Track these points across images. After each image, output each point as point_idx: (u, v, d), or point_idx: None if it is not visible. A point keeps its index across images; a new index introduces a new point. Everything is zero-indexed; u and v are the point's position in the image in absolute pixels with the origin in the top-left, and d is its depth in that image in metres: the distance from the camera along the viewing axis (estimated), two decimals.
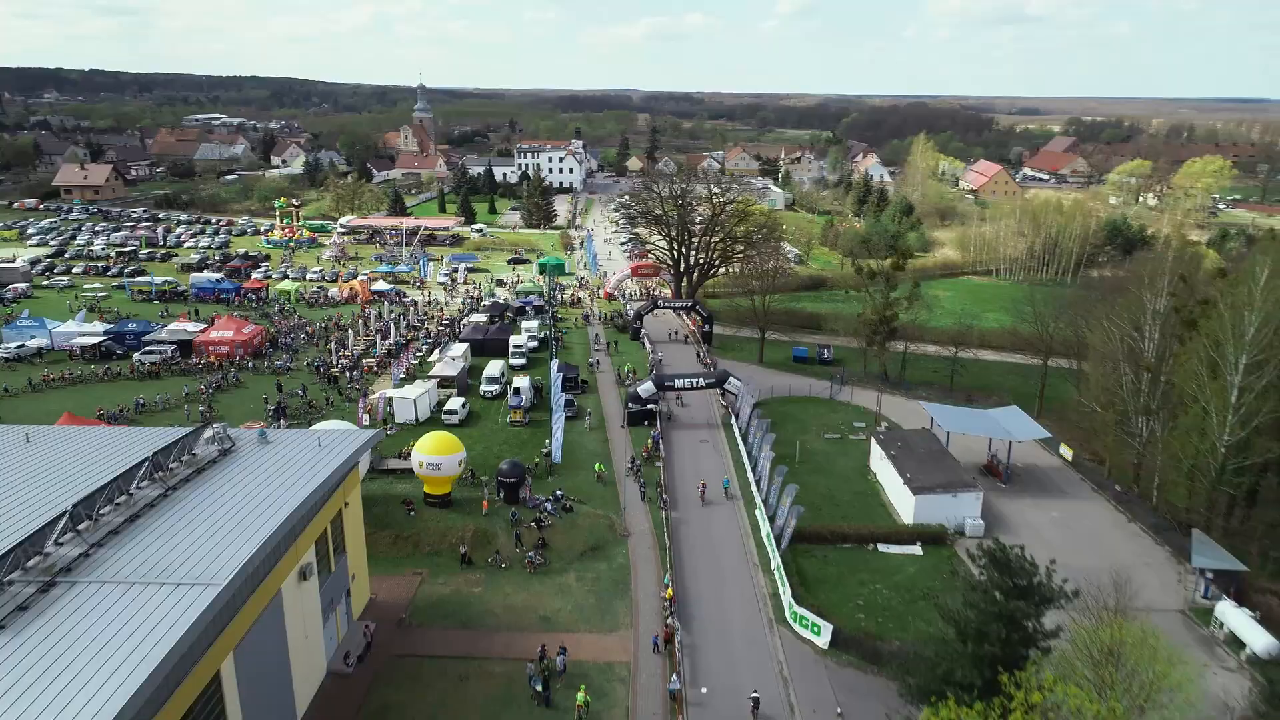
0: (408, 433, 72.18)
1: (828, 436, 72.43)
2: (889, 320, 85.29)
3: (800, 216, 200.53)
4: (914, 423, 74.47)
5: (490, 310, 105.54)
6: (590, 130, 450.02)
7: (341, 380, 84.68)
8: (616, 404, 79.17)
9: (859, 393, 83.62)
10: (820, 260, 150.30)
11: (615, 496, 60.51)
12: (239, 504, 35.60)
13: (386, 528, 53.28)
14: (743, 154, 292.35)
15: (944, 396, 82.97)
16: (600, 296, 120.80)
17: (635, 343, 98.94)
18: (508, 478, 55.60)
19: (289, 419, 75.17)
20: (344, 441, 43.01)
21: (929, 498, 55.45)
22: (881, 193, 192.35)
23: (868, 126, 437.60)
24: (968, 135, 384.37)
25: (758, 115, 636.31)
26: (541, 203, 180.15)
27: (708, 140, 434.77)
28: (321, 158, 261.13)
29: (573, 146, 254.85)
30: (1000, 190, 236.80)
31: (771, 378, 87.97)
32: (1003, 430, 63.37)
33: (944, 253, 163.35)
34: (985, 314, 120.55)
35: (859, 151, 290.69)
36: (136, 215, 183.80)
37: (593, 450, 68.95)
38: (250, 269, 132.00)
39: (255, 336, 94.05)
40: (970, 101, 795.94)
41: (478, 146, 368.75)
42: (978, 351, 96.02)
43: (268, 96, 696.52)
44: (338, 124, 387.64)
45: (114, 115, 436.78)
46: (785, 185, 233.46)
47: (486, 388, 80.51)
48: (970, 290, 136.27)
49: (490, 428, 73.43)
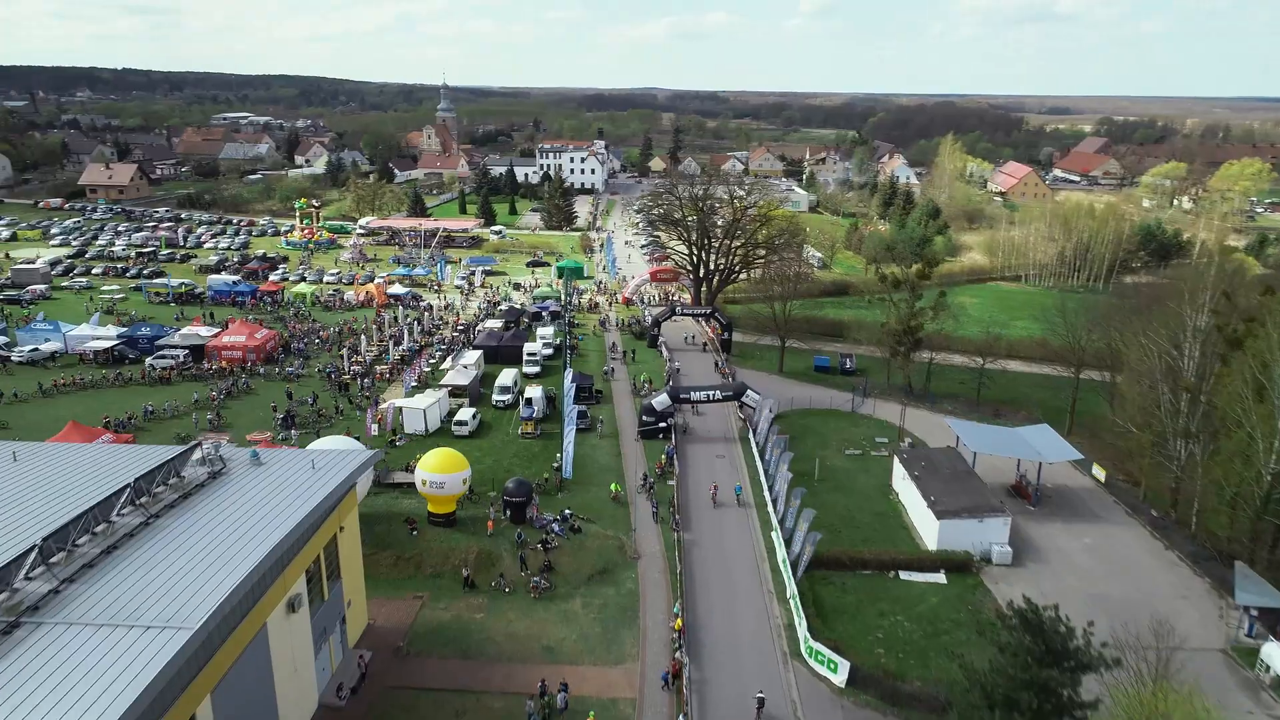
0: (416, 444, 70.62)
1: (848, 453, 69.95)
2: (913, 331, 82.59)
3: (824, 219, 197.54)
4: (939, 438, 71.87)
5: (506, 316, 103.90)
6: (614, 130, 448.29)
7: (353, 388, 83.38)
8: (631, 415, 77.12)
9: (882, 405, 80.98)
10: (844, 265, 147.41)
11: (626, 516, 58.48)
12: (224, 533, 33.94)
13: (388, 548, 51.58)
14: (767, 154, 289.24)
15: (970, 410, 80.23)
16: (618, 301, 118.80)
17: (653, 350, 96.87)
18: (514, 497, 53.70)
19: (298, 428, 73.91)
20: (339, 463, 41.28)
21: (954, 523, 52.90)
22: (908, 195, 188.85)
23: (894, 126, 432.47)
24: (996, 135, 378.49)
25: (783, 115, 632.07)
26: (562, 204, 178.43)
27: (732, 140, 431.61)
28: (344, 157, 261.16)
29: (595, 147, 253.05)
30: (1030, 192, 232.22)
31: (791, 388, 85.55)
32: (1032, 451, 60.61)
33: (971, 257, 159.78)
34: (1014, 322, 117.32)
35: (885, 152, 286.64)
36: (159, 215, 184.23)
37: (605, 465, 66.96)
38: (267, 271, 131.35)
39: (268, 341, 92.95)
40: (999, 100, 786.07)
41: (501, 146, 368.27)
42: (1005, 362, 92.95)
43: (295, 95, 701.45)
44: (362, 123, 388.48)
45: (143, 114, 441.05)
46: (810, 187, 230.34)
47: (499, 397, 78.76)
48: (998, 297, 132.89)
49: (501, 439, 71.62)
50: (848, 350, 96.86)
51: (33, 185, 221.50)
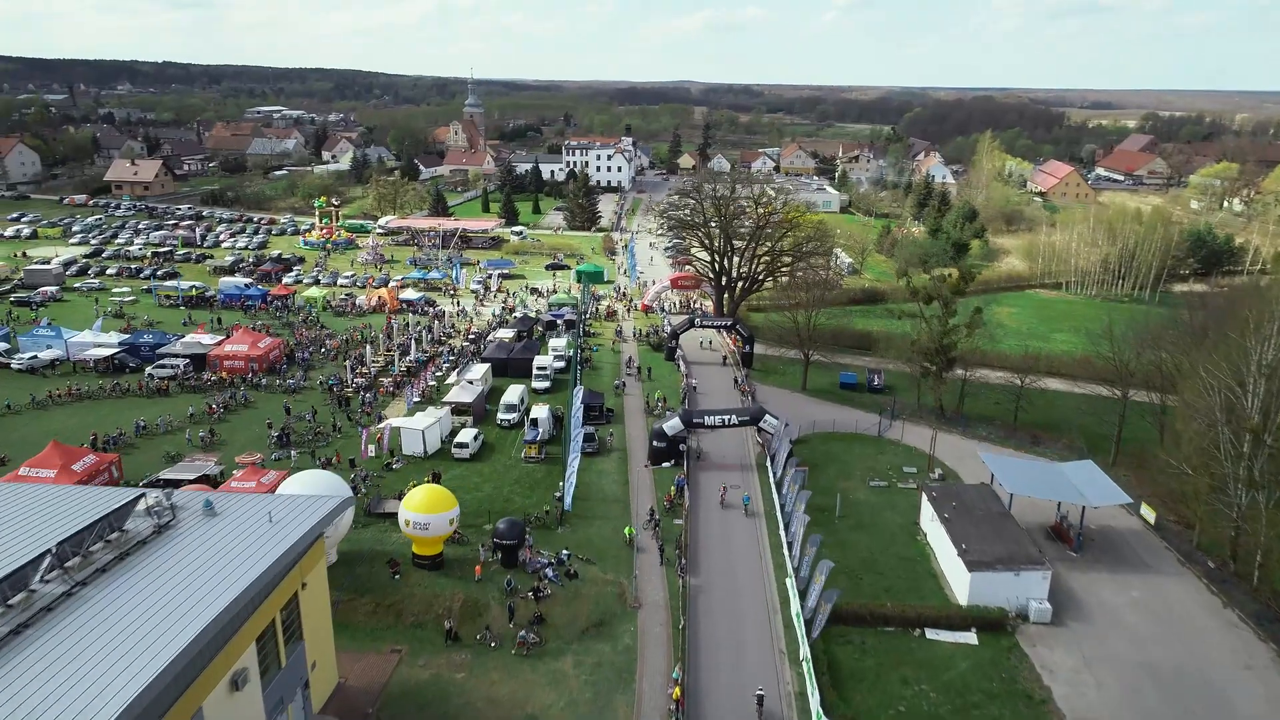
0: (414, 467, 67.05)
1: (873, 484, 65.07)
2: (946, 350, 77.39)
3: (856, 220, 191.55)
4: (971, 467, 66.77)
5: (518, 325, 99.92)
6: (644, 125, 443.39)
7: (354, 402, 79.91)
8: (643, 436, 72.75)
9: (911, 429, 75.90)
10: (875, 270, 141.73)
11: (630, 555, 54.20)
12: (159, 603, 30.19)
13: (367, 593, 47.78)
14: (799, 151, 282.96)
15: (1006, 436, 74.93)
16: (637, 309, 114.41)
17: (670, 363, 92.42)
18: (504, 540, 49.58)
19: (293, 446, 70.54)
20: (302, 513, 37.43)
21: (987, 575, 48.01)
22: (943, 196, 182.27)
23: (931, 121, 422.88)
24: (1036, 132, 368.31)
25: (817, 109, 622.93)
26: (585, 204, 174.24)
27: (764, 135, 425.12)
28: (370, 153, 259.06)
29: (622, 144, 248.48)
30: (1071, 193, 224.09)
31: (814, 408, 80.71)
32: (1075, 492, 55.35)
33: (1009, 262, 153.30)
34: (1054, 335, 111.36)
35: (921, 150, 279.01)
36: (180, 212, 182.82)
37: (611, 494, 62.76)
38: (281, 273, 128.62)
39: (271, 350, 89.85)
40: (1039, 94, 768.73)
41: (529, 142, 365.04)
42: (1045, 380, 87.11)
43: (330, 89, 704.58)
44: (391, 118, 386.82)
45: (178, 108, 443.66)
46: (842, 186, 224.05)
47: (504, 416, 74.85)
48: (1037, 306, 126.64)
49: (503, 464, 67.66)
50: (876, 365, 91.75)
51: (61, 181, 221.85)
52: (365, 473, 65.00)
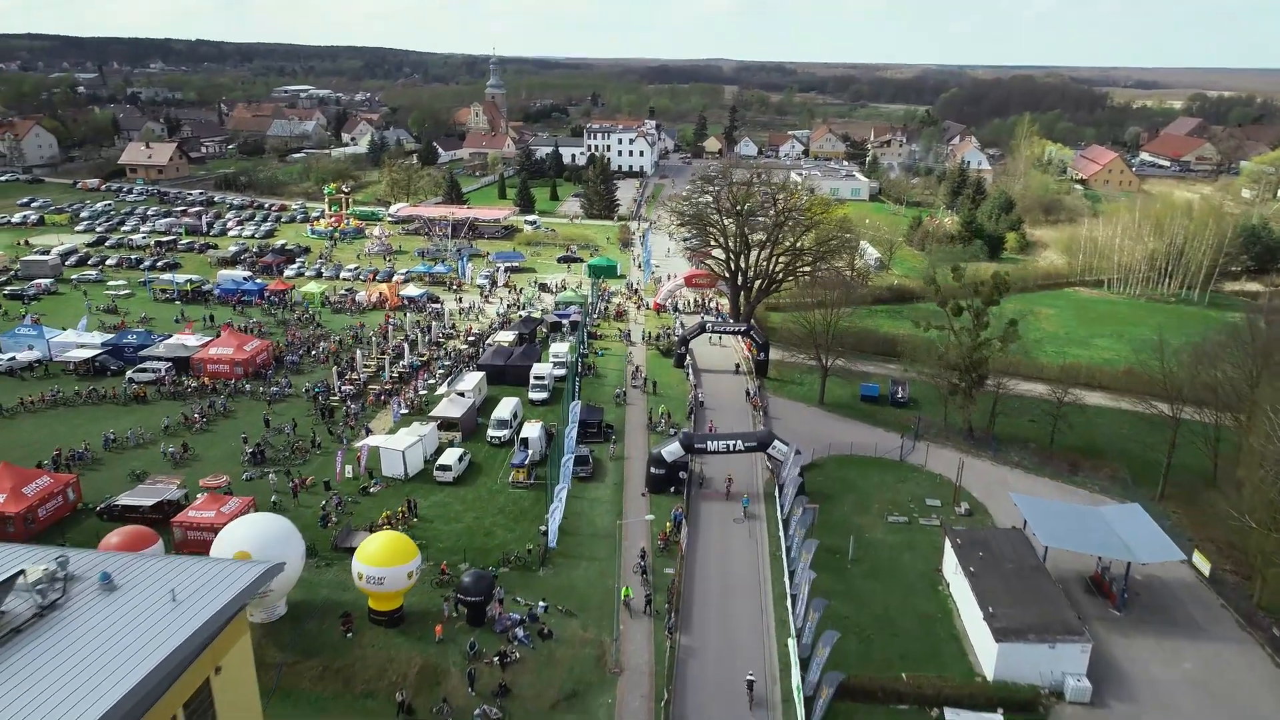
0: (393, 491, 62.08)
1: (892, 520, 59.02)
2: (977, 366, 70.82)
3: (885, 210, 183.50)
4: (1002, 501, 60.47)
5: (520, 326, 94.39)
6: (673, 105, 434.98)
7: (338, 413, 75.00)
8: (644, 456, 66.97)
9: (936, 452, 69.57)
10: (905, 266, 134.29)
11: (615, 604, 48.76)
12: (21, 714, 25.25)
13: (315, 654, 42.78)
14: (829, 134, 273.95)
15: (1041, 464, 68.35)
16: (649, 308, 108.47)
17: (679, 370, 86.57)
18: (469, 596, 44.22)
19: (268, 465, 65.84)
20: (218, 586, 32.32)
21: (1017, 647, 41.99)
22: (978, 184, 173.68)
23: (967, 102, 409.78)
24: (1077, 114, 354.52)
25: (850, 89, 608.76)
26: (603, 191, 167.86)
27: (795, 116, 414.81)
28: (389, 135, 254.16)
29: (644, 127, 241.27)
30: (1115, 181, 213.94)
31: (831, 426, 74.64)
32: (1120, 545, 48.90)
33: (1047, 257, 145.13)
34: (1094, 340, 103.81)
35: (956, 134, 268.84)
36: (192, 198, 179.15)
37: (603, 528, 57.30)
38: (283, 265, 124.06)
39: (259, 354, 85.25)
40: (1081, 73, 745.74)
41: (554, 123, 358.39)
42: (1085, 394, 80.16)
43: (360, 67, 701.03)
44: (416, 97, 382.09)
45: (206, 87, 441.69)
46: (872, 172, 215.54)
47: (494, 433, 69.55)
48: (1077, 307, 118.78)
49: (488, 489, 62.43)
50: (901, 376, 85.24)
51: (77, 164, 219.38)
52: (339, 498, 60.16)
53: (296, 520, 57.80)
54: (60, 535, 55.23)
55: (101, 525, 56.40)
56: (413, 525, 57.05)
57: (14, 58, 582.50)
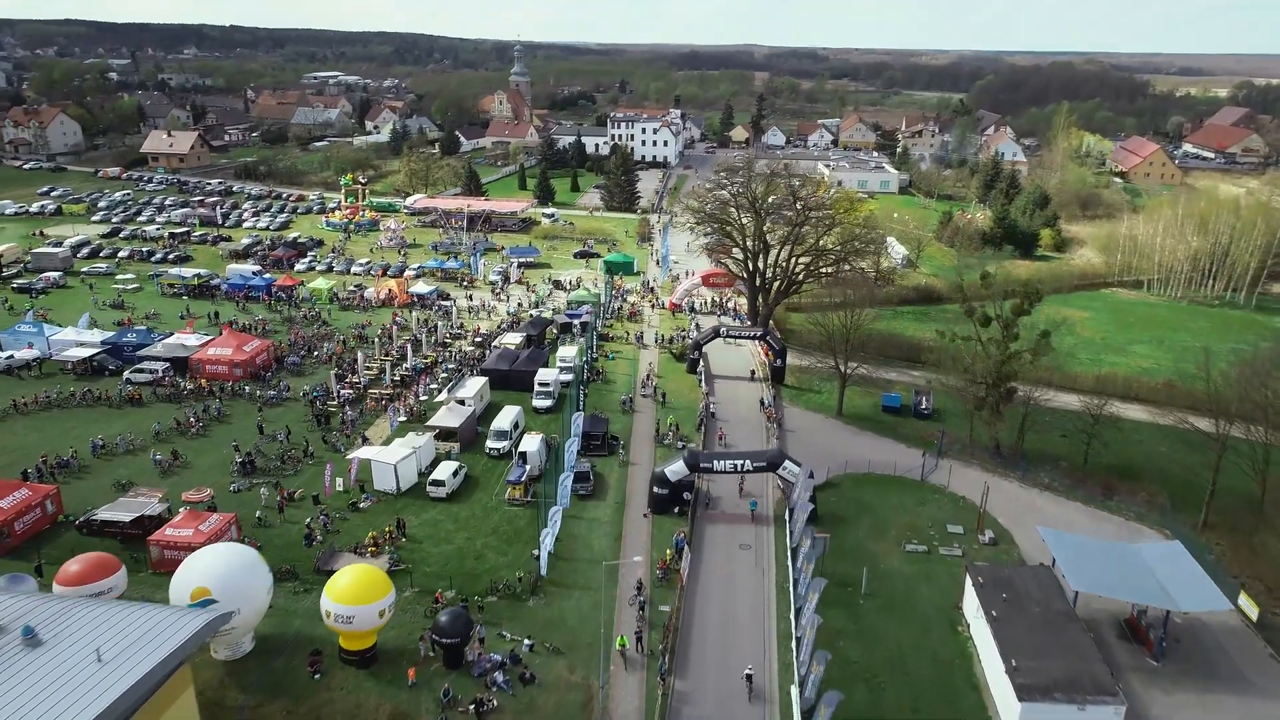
0: (384, 506, 59.33)
1: (910, 548, 55.17)
2: (1006, 379, 66.51)
3: (915, 203, 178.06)
4: (1029, 529, 56.40)
5: (529, 327, 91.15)
6: (702, 92, 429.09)
7: (334, 420, 72.26)
8: (649, 471, 63.67)
9: (960, 471, 65.51)
10: (933, 264, 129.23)
11: (606, 642, 45.52)
12: None
13: (280, 696, 39.97)
14: (859, 124, 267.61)
15: (1073, 486, 64.01)
16: (664, 308, 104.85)
17: (692, 376, 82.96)
18: (446, 637, 41.07)
19: (258, 476, 63.29)
20: (153, 641, 29.50)
21: (1042, 708, 38.16)
22: (1012, 177, 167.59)
23: (1004, 90, 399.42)
24: (1118, 103, 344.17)
25: (884, 75, 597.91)
26: (624, 182, 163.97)
27: (826, 104, 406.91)
28: (411, 124, 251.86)
29: (669, 117, 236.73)
30: (1156, 173, 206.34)
31: (849, 441, 70.78)
32: (1158, 590, 44.78)
33: (1084, 255, 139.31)
34: (1133, 346, 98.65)
35: (990, 123, 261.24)
36: (210, 187, 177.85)
37: (600, 551, 54.06)
38: (294, 259, 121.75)
39: (258, 355, 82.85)
40: (1121, 59, 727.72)
41: (580, 110, 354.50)
42: (1121, 406, 75.55)
43: (390, 53, 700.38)
44: (443, 84, 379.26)
45: (236, 73, 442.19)
46: (903, 164, 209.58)
47: (493, 444, 66.50)
48: (1114, 309, 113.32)
49: (483, 506, 59.43)
50: (925, 384, 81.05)
51: (101, 152, 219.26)
52: (326, 514, 57.40)
53: (280, 538, 55.52)
54: (36, 550, 52.95)
55: (80, 540, 54.27)
56: (400, 546, 54.28)
57: (51, 44, 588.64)
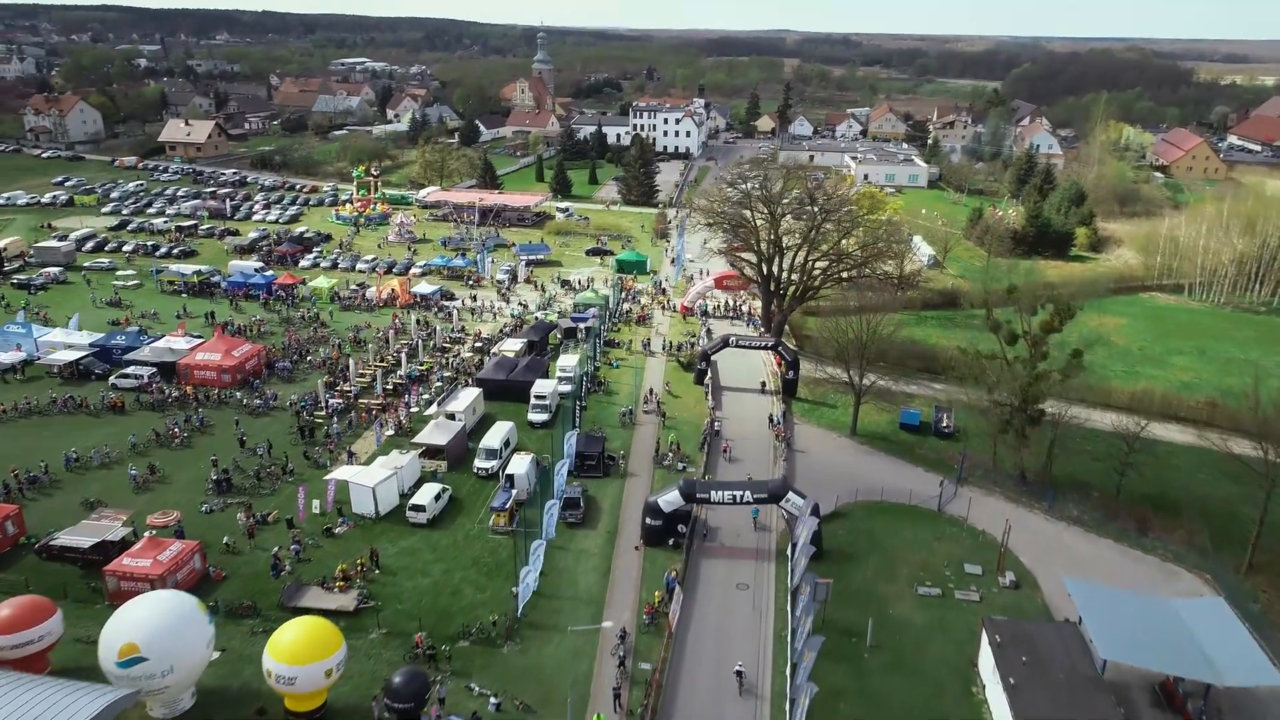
0: (362, 531, 55.92)
1: (923, 592, 50.69)
2: (1033, 400, 61.57)
3: (944, 199, 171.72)
4: (1054, 568, 51.75)
5: (530, 333, 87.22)
6: (729, 79, 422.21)
7: (319, 433, 68.84)
8: (646, 493, 59.79)
9: (981, 501, 60.75)
10: (961, 264, 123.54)
11: (585, 693, 41.72)
12: None
13: None
14: (889, 114, 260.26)
15: (1105, 520, 59.03)
16: (677, 310, 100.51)
17: (699, 388, 78.70)
18: (400, 702, 37.28)
19: (234, 494, 60.08)
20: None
21: None
22: (1047, 172, 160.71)
23: (1041, 78, 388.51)
24: (1159, 92, 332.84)
25: (917, 63, 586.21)
26: (641, 175, 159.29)
27: (856, 93, 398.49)
28: (431, 112, 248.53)
29: (692, 106, 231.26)
30: (1199, 168, 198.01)
31: (862, 463, 66.22)
32: (1198, 658, 39.91)
33: (1120, 255, 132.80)
34: (1172, 357, 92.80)
35: (1026, 114, 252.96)
36: (224, 178, 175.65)
37: (585, 591, 50.19)
38: (299, 255, 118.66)
39: (249, 360, 79.74)
40: (1163, 46, 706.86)
41: (606, 98, 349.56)
42: (1159, 424, 70.20)
43: (420, 39, 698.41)
44: (469, 71, 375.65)
45: (264, 60, 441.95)
46: (933, 157, 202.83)
47: (481, 464, 62.77)
48: (1153, 316, 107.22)
49: (465, 534, 55.76)
50: (947, 398, 76.21)
51: (121, 140, 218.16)
52: (299, 541, 53.99)
53: (247, 567, 52.26)
54: None
55: (38, 565, 51.54)
56: (372, 580, 50.77)
57: (85, 29, 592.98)
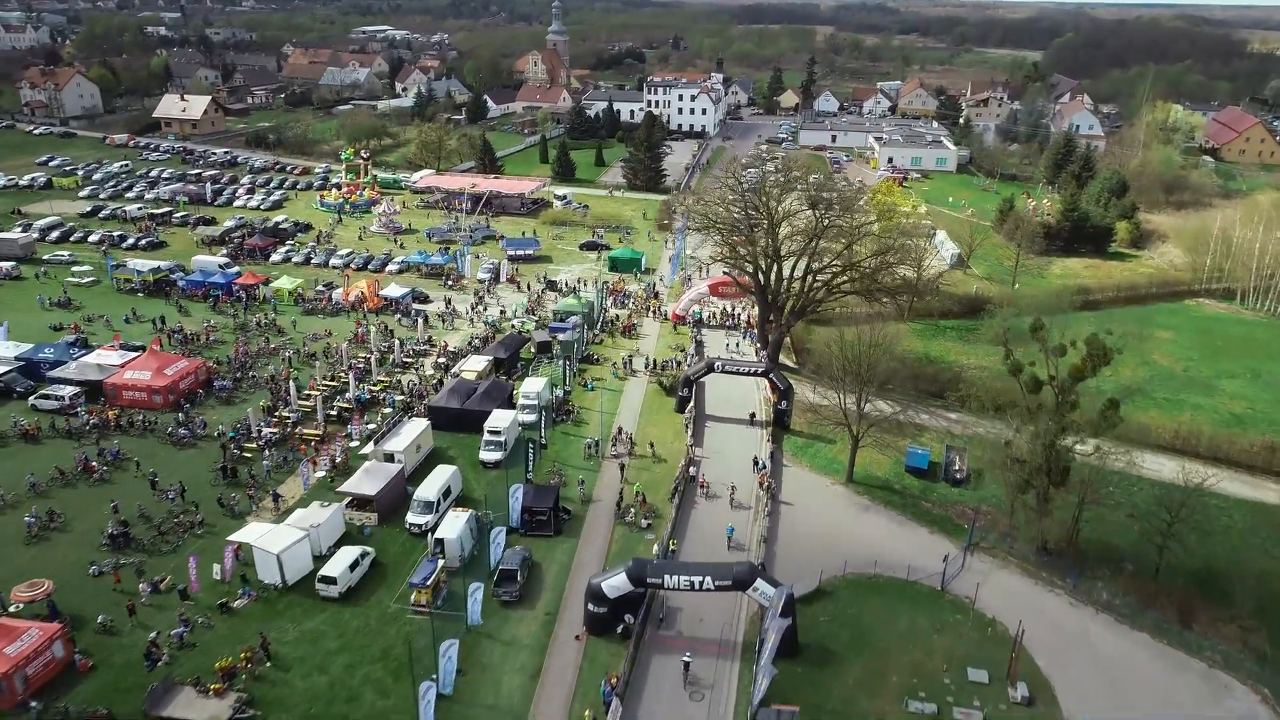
0: (264, 607, 48.06)
1: (914, 708, 41.90)
2: (1058, 456, 52.09)
3: (974, 185, 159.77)
4: (1076, 672, 42.80)
5: (499, 348, 78.58)
6: (758, 50, 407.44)
7: (243, 472, 60.88)
8: (598, 563, 51.62)
9: (994, 574, 51.76)
10: (988, 263, 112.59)
11: None
12: None
13: None
14: (920, 89, 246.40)
15: (1140, 607, 49.64)
16: (668, 319, 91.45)
17: (680, 417, 69.89)
18: None
19: (132, 552, 52.53)
20: None
21: None
22: (1086, 158, 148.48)
23: (1084, 48, 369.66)
24: (1210, 65, 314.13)
25: (955, 31, 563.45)
26: (646, 159, 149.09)
27: (889, 63, 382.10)
28: (439, 86, 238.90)
29: (709, 82, 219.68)
30: (1253, 151, 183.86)
31: (858, 521, 57.28)
32: None
33: (1165, 253, 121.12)
34: (1221, 381, 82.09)
35: (1066, 90, 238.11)
36: (214, 158, 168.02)
37: (505, 699, 42.08)
38: (270, 248, 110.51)
39: (183, 378, 72.04)
40: (1214, 12, 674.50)
41: (627, 70, 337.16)
42: (1205, 469, 60.41)
43: (446, 5, 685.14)
44: (483, 41, 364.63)
45: (285, 27, 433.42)
46: (964, 137, 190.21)
47: (414, 519, 54.59)
48: (1200, 327, 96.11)
49: (381, 613, 47.71)
50: (963, 429, 66.92)
51: (119, 115, 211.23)
52: (186, 619, 46.22)
53: (121, 654, 44.63)
54: None
55: None
56: (260, 676, 42.98)
57: None
